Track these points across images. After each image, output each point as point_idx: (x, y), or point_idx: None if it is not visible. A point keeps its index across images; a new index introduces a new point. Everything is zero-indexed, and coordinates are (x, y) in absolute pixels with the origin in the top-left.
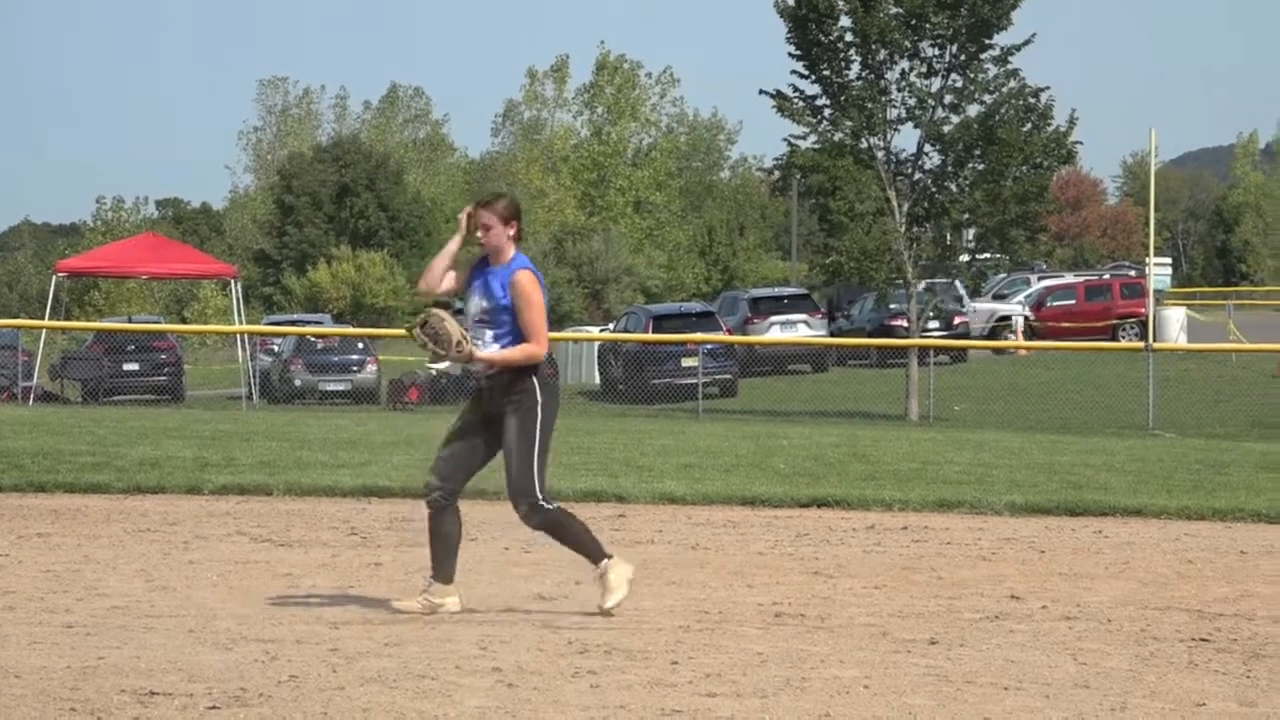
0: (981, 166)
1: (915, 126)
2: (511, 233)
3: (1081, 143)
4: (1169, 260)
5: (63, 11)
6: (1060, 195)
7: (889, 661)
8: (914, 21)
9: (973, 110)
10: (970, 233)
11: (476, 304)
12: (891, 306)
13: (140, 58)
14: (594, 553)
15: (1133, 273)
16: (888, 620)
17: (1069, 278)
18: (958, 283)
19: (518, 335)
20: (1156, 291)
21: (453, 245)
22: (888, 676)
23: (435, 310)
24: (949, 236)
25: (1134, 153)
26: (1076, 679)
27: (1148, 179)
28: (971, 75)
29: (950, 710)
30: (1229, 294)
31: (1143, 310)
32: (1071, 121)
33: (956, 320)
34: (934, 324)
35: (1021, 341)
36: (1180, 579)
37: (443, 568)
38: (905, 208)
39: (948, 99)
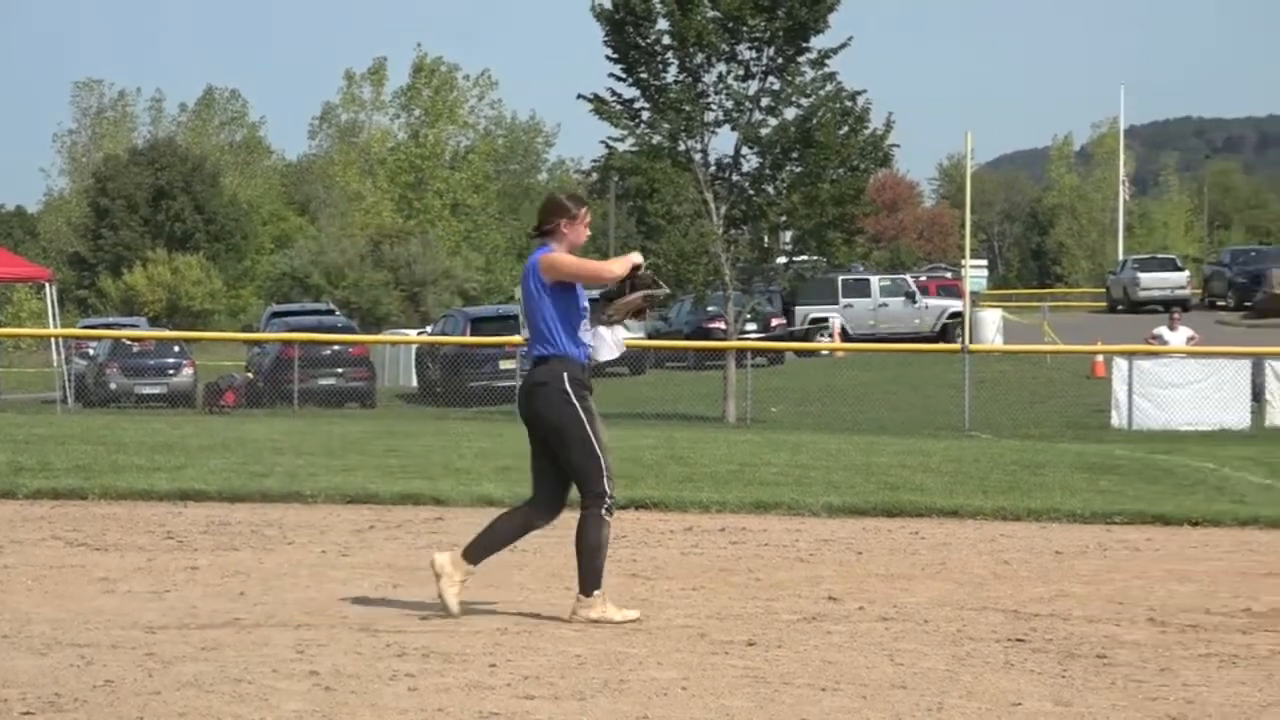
0: (799, 169)
1: (733, 129)
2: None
3: (898, 145)
4: (985, 262)
5: None
6: (877, 197)
7: (707, 663)
8: (731, 24)
9: (790, 113)
10: (788, 235)
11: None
12: (709, 309)
13: None
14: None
15: (949, 275)
16: (705, 622)
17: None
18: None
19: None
20: (973, 293)
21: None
22: (705, 678)
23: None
24: (766, 239)
25: (950, 155)
26: (893, 680)
27: (964, 181)
28: (789, 78)
29: (768, 711)
30: (1044, 295)
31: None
32: (888, 124)
33: (774, 322)
34: (751, 326)
35: (838, 343)
36: (996, 579)
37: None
38: (723, 210)
39: (765, 102)
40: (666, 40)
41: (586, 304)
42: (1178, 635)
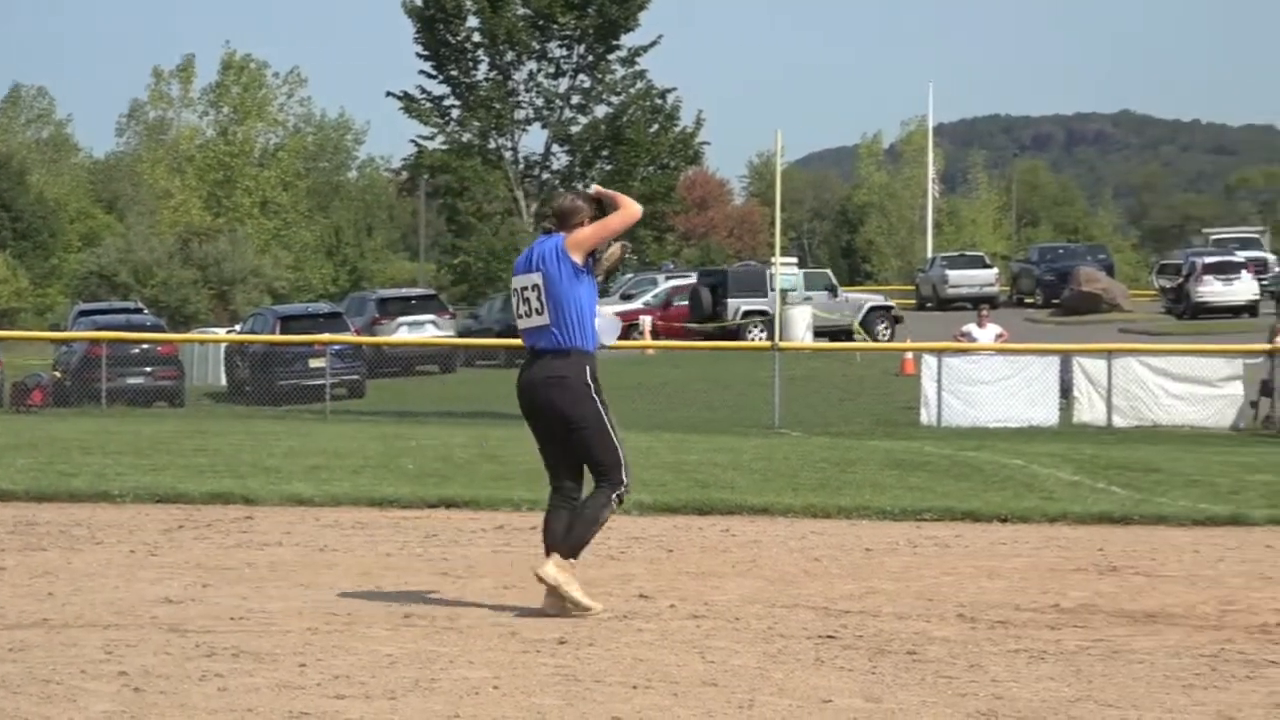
0: (609, 166)
1: (543, 127)
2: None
3: (708, 143)
4: (795, 260)
5: None
6: (687, 195)
7: (518, 661)
8: (542, 22)
9: (600, 111)
10: None
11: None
12: None
13: None
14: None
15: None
16: (517, 620)
17: (696, 277)
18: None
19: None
20: (783, 291)
21: None
22: (517, 676)
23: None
24: None
25: (760, 153)
26: (704, 677)
27: (774, 179)
28: (599, 76)
29: (579, 710)
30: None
31: (769, 309)
32: (698, 122)
33: None
34: None
35: (649, 341)
36: (806, 576)
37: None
38: (533, 208)
39: (575, 100)
40: (477, 38)
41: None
42: (987, 631)
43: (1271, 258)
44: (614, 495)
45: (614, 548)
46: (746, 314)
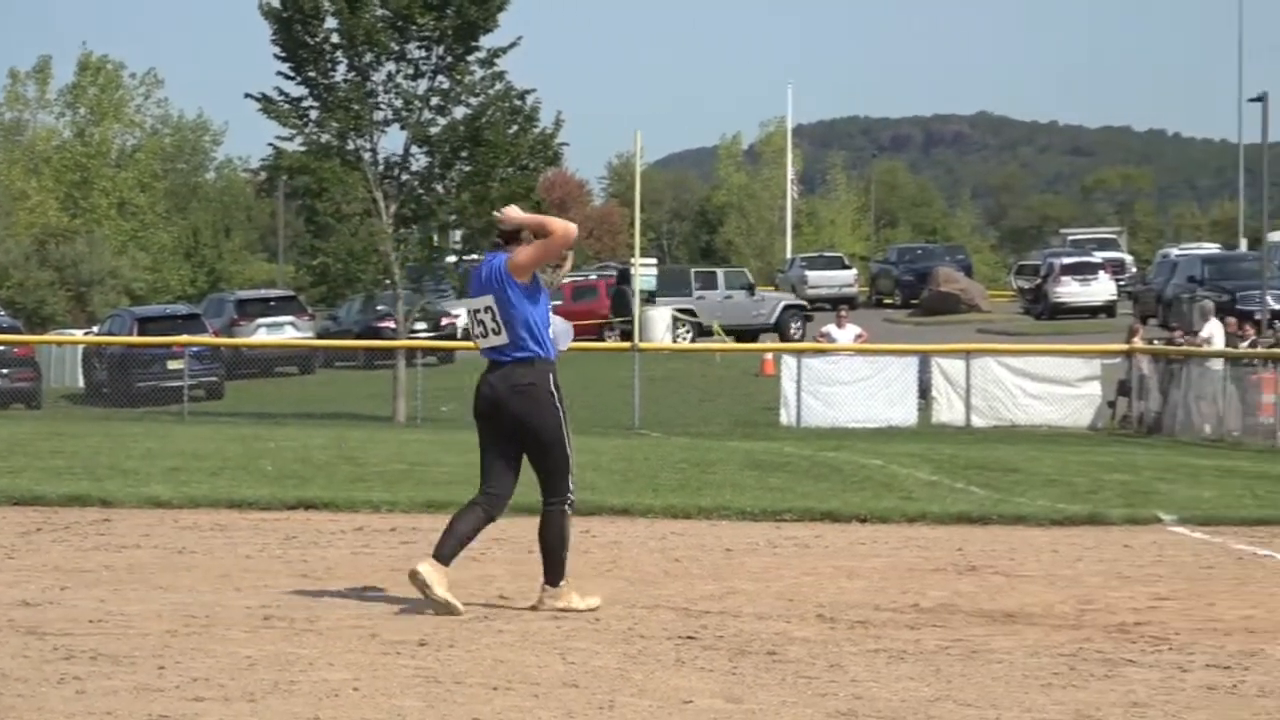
0: (469, 168)
1: (402, 128)
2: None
3: (567, 144)
4: (654, 261)
5: None
6: (546, 196)
7: (378, 663)
8: (400, 23)
9: (459, 112)
10: (458, 234)
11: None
12: (380, 308)
13: None
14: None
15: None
16: (377, 622)
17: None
18: None
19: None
20: (643, 292)
21: None
22: (377, 678)
23: None
24: (436, 238)
25: (619, 154)
26: (565, 678)
27: (633, 180)
28: (458, 77)
29: (439, 711)
30: None
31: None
32: (557, 123)
33: (444, 321)
34: (421, 325)
35: None
36: (667, 577)
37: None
38: (393, 209)
39: (435, 101)
40: (335, 39)
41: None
42: (847, 631)
43: (1128, 258)
44: (564, 508)
45: (475, 549)
46: (679, 312)
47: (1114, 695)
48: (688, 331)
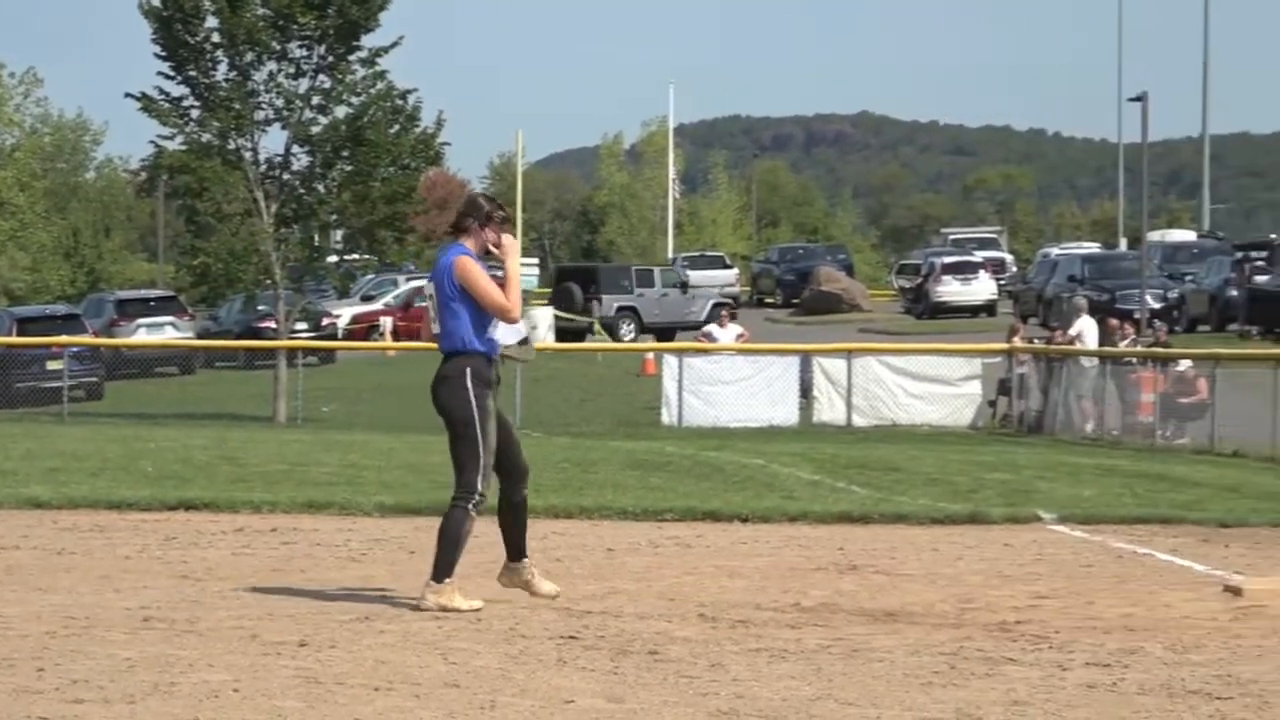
0: (350, 168)
1: (283, 128)
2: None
3: (449, 144)
4: (536, 260)
5: None
6: (428, 196)
7: (259, 664)
8: (282, 22)
9: (341, 111)
10: (339, 234)
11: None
12: (260, 308)
13: None
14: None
15: (499, 273)
16: (257, 623)
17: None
18: None
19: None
20: (524, 291)
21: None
22: (257, 679)
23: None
24: (317, 237)
25: (501, 154)
26: (446, 678)
27: (515, 180)
28: (340, 77)
29: (320, 712)
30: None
31: None
32: (439, 123)
33: (325, 321)
34: (302, 325)
35: (390, 342)
36: (548, 577)
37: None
38: (274, 209)
39: (316, 100)
40: (216, 38)
41: None
42: (728, 631)
43: (1009, 258)
44: (469, 508)
45: (356, 550)
46: (620, 309)
47: (995, 693)
48: (632, 326)
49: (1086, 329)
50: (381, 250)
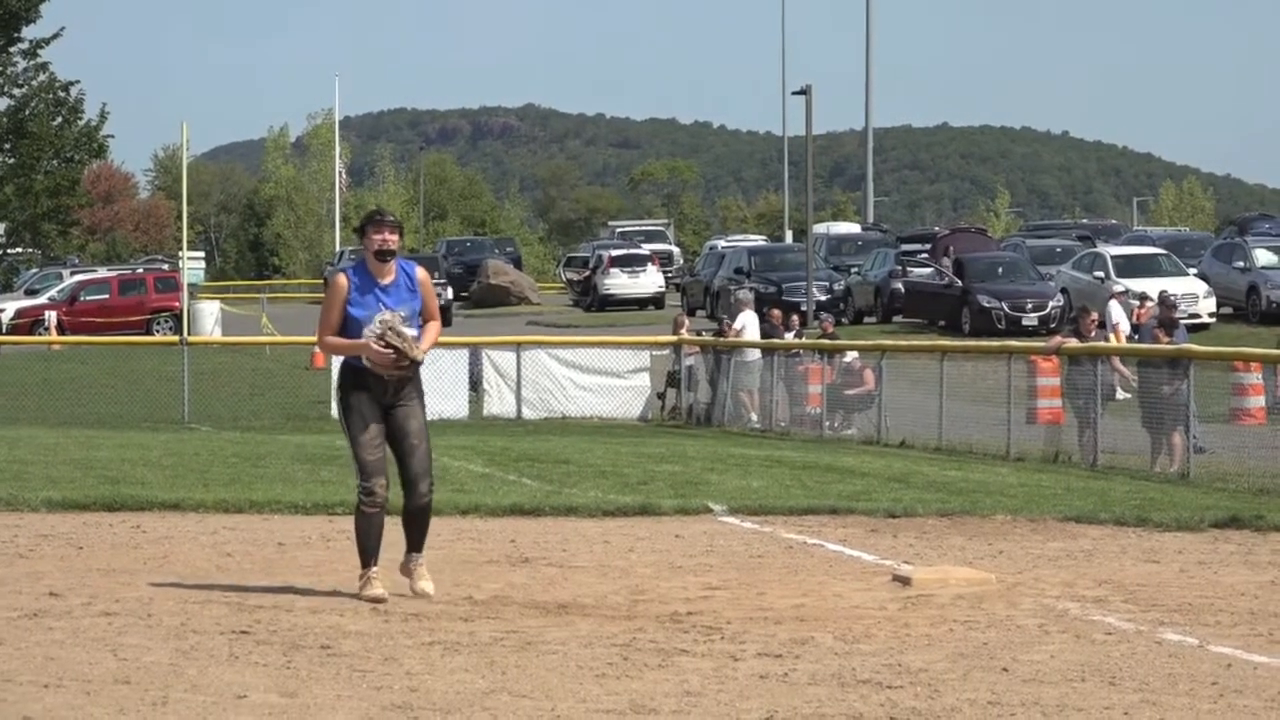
0: (12, 160)
1: None
2: None
3: (113, 136)
4: (202, 254)
5: None
6: (92, 189)
7: None
8: None
9: (2, 104)
10: (1, 227)
11: (391, 314)
12: None
13: None
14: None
15: (166, 266)
16: None
17: (102, 272)
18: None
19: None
20: (190, 285)
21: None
22: None
23: (387, 318)
24: None
25: (166, 146)
26: (117, 674)
27: (180, 172)
28: (0, 68)
29: None
30: (262, 287)
31: (177, 304)
32: (103, 115)
33: None
34: None
35: (54, 336)
36: (219, 572)
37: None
38: None
39: None
40: None
41: (374, 310)
42: (401, 624)
43: (676, 250)
44: (358, 501)
45: (23, 546)
46: None
47: (668, 685)
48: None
49: (749, 323)
50: (46, 243)
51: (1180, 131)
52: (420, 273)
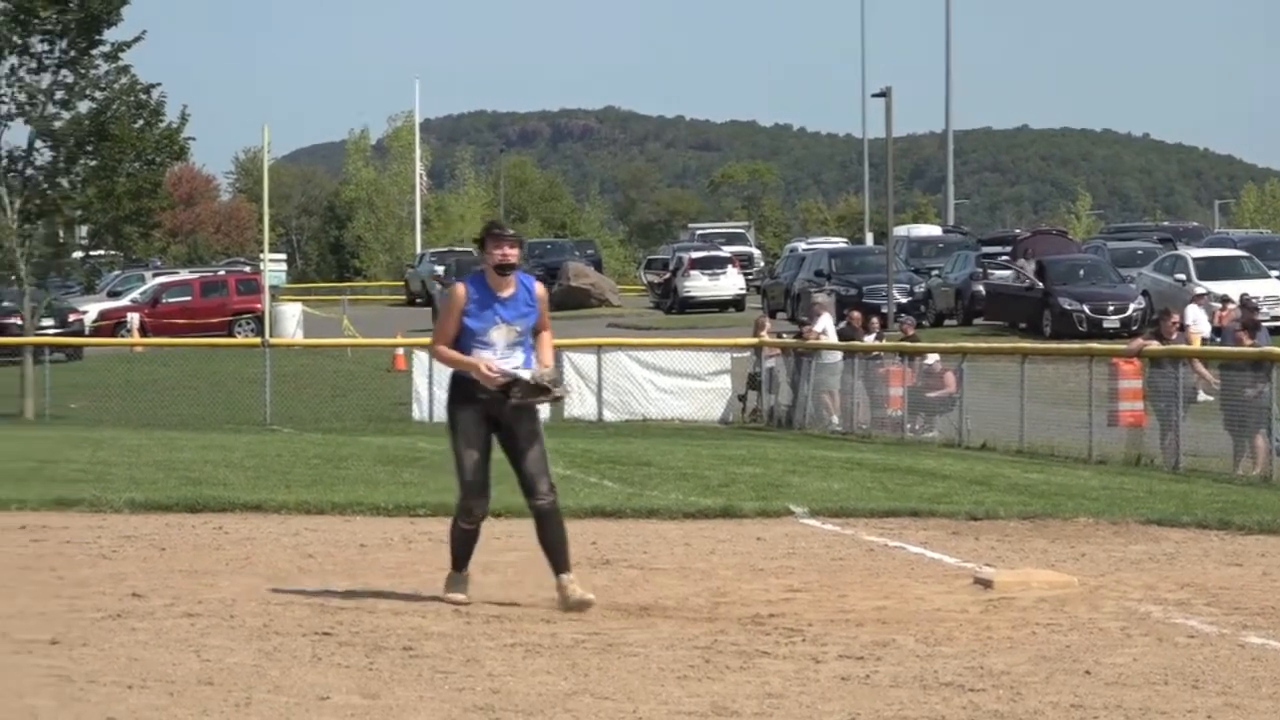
0: (94, 163)
1: (26, 123)
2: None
3: (194, 138)
4: (284, 256)
5: None
6: (174, 191)
7: (9, 663)
8: (22, 16)
9: (84, 106)
10: (84, 229)
11: (509, 330)
12: (5, 304)
13: None
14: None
15: (248, 269)
16: (8, 621)
17: (184, 274)
18: None
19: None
20: (272, 288)
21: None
22: (7, 678)
23: (515, 378)
24: (62, 233)
25: (247, 149)
26: (200, 675)
27: (261, 175)
28: (82, 71)
29: (73, 711)
30: (343, 289)
31: (259, 306)
32: (184, 118)
33: (72, 317)
34: (48, 321)
35: (137, 339)
36: (302, 573)
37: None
38: (17, 204)
39: (59, 95)
40: None
41: (490, 324)
42: (483, 626)
43: (756, 252)
44: (456, 516)
45: (106, 547)
46: None
47: (749, 687)
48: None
49: (828, 325)
50: (128, 246)
51: (1262, 134)
52: (539, 288)
